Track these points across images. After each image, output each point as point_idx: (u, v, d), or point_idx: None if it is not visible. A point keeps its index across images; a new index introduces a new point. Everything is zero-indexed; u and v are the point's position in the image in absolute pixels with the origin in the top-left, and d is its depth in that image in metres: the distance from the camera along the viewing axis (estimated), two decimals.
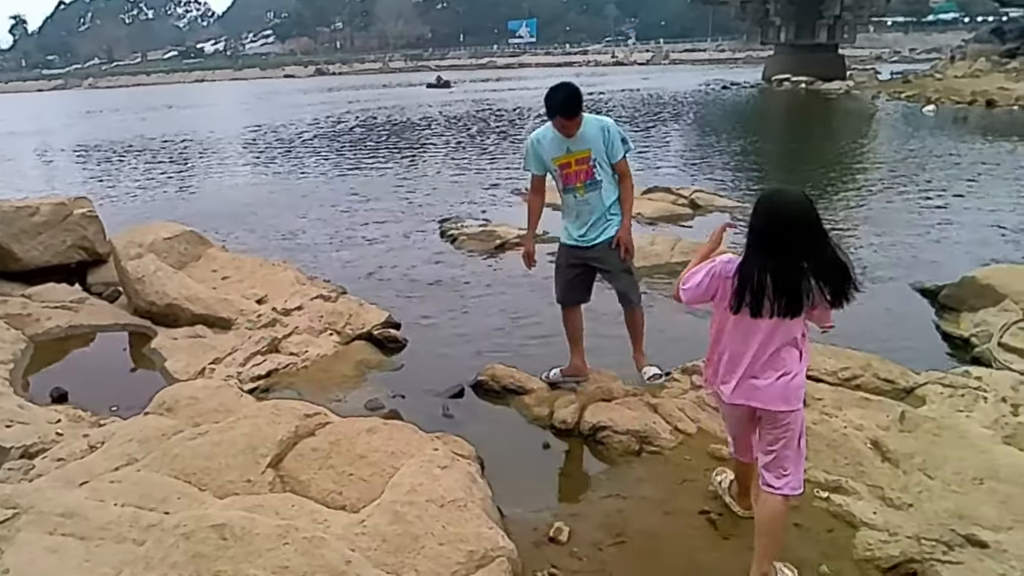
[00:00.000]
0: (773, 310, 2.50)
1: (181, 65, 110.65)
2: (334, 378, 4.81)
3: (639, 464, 3.70)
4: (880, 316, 5.87)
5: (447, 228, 8.94)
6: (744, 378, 2.64)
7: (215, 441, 3.13)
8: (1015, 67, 35.12)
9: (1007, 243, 8.03)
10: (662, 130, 22.56)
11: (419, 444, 3.15)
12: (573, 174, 4.09)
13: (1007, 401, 4.06)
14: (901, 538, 2.87)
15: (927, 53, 66.07)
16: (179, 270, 5.74)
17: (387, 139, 21.02)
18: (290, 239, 8.95)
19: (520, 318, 5.80)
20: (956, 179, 12.09)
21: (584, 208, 4.15)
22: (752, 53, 69.61)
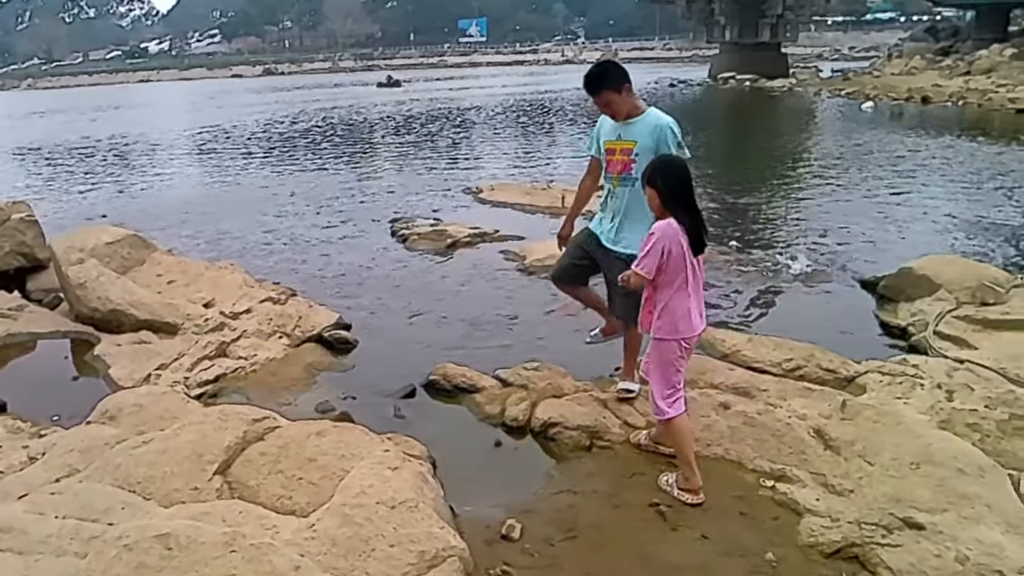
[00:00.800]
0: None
1: (125, 65, 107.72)
2: (284, 381, 4.75)
3: (589, 459, 3.74)
4: (822, 307, 6.05)
5: (398, 228, 8.89)
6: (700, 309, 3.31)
7: (160, 449, 3.07)
8: (948, 65, 36.36)
9: (943, 234, 8.32)
10: None
11: (369, 446, 3.14)
12: (613, 162, 3.90)
13: (942, 387, 4.21)
14: (843, 523, 2.96)
15: (865, 51, 68.03)
16: (122, 275, 5.60)
17: (337, 139, 20.80)
18: (237, 241, 8.79)
19: (472, 317, 5.80)
20: (893, 172, 12.48)
21: (613, 203, 3.94)
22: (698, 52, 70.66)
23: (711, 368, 4.40)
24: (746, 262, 7.21)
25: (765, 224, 9.02)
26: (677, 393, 3.33)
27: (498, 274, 7.01)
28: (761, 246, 7.89)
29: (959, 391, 4.14)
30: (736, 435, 3.71)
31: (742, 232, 8.45)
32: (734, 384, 4.20)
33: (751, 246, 7.84)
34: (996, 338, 4.93)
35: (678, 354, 3.28)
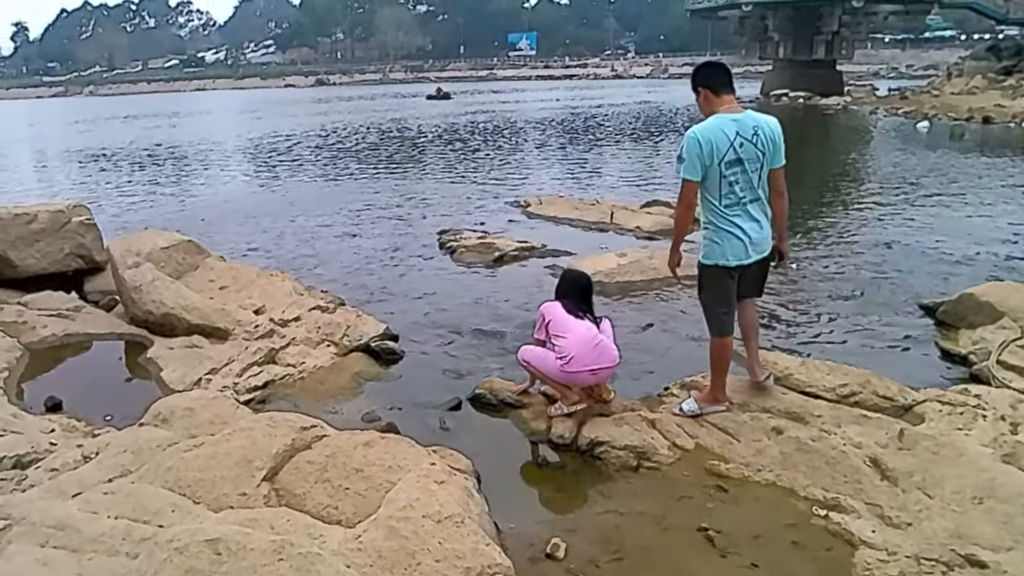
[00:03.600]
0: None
1: (182, 73, 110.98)
2: (331, 390, 4.79)
3: (636, 480, 3.68)
4: (879, 332, 5.87)
5: (445, 239, 8.93)
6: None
7: (210, 453, 3.11)
8: (1011, 84, 35.34)
9: (1005, 260, 8.04)
10: (662, 143, 22.63)
11: (416, 458, 3.13)
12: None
13: (1006, 419, 4.04)
14: (900, 558, 2.85)
15: (924, 70, 66.58)
16: (176, 279, 5.72)
17: (386, 150, 21.05)
18: (288, 248, 8.94)
19: (518, 331, 5.77)
20: (953, 195, 12.13)
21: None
22: (751, 68, 69.93)
23: (762, 392, 4.29)
24: (800, 283, 7.07)
25: (819, 244, 8.83)
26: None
27: (545, 289, 6.94)
28: (816, 266, 7.72)
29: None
30: (788, 461, 3.61)
31: (796, 252, 8.28)
32: (787, 409, 4.09)
33: (805, 266, 7.68)
34: None
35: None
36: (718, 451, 3.80)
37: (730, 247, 3.89)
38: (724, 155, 3.73)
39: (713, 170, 3.76)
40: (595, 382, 4.19)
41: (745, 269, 3.99)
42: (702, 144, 3.74)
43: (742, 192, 3.82)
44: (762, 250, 3.98)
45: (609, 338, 4.19)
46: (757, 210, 3.89)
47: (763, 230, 3.94)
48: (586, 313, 4.20)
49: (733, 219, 3.84)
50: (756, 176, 3.83)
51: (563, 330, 4.13)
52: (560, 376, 4.13)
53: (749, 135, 3.76)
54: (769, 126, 3.84)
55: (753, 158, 3.78)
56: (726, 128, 3.75)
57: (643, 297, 6.72)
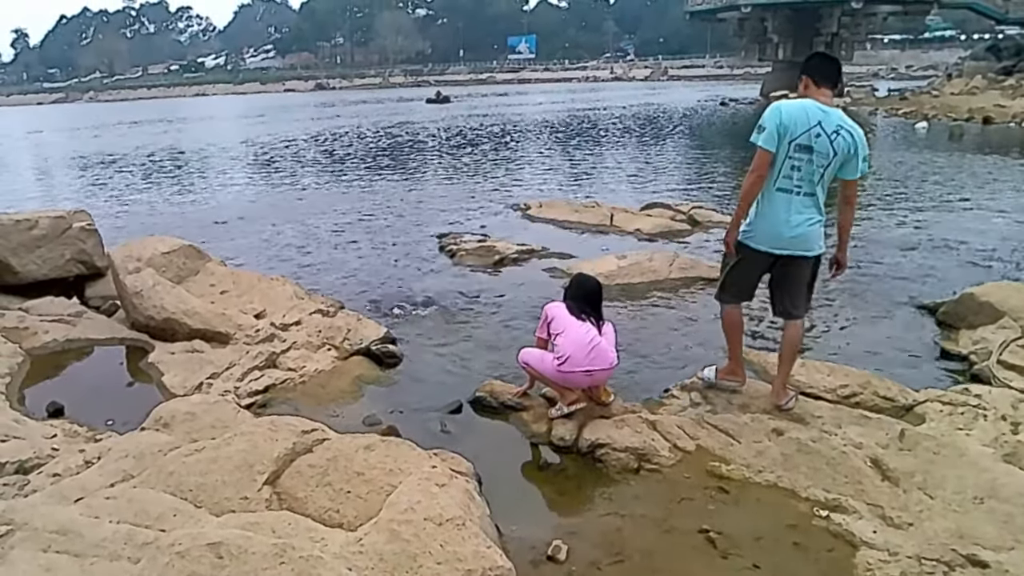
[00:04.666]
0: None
1: (182, 79, 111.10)
2: (332, 393, 4.79)
3: (637, 482, 3.68)
4: (879, 332, 5.87)
5: (446, 243, 8.95)
6: None
7: (211, 457, 3.11)
8: (1011, 84, 35.41)
9: (1005, 260, 8.04)
10: (662, 146, 22.68)
11: (417, 461, 3.13)
12: None
13: (1007, 419, 4.04)
14: (902, 558, 2.85)
15: (924, 70, 66.65)
16: (177, 284, 5.73)
17: (386, 154, 21.08)
18: (288, 253, 8.95)
19: (519, 334, 5.77)
20: (952, 195, 12.14)
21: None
22: (750, 69, 70.08)
23: (763, 393, 4.30)
24: None
25: None
26: None
27: (545, 291, 6.97)
28: None
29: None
30: (789, 462, 3.62)
31: None
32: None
33: None
34: None
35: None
36: (719, 452, 3.80)
37: (766, 231, 3.91)
38: (798, 136, 3.73)
39: (783, 147, 3.75)
40: (590, 383, 4.20)
41: (779, 264, 3.97)
42: (783, 117, 3.74)
43: (799, 181, 3.80)
44: (803, 248, 3.91)
45: (610, 342, 4.20)
46: (808, 205, 3.85)
47: (808, 227, 3.87)
48: (589, 316, 4.21)
49: (779, 204, 3.84)
50: (820, 172, 3.79)
51: (562, 330, 4.15)
52: (556, 376, 4.15)
53: (830, 130, 3.74)
54: (853, 134, 3.78)
55: (825, 153, 3.75)
56: (811, 112, 3.75)
57: (643, 299, 6.72)
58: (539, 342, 4.38)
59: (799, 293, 4.07)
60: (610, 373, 4.24)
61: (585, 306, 4.26)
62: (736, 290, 4.24)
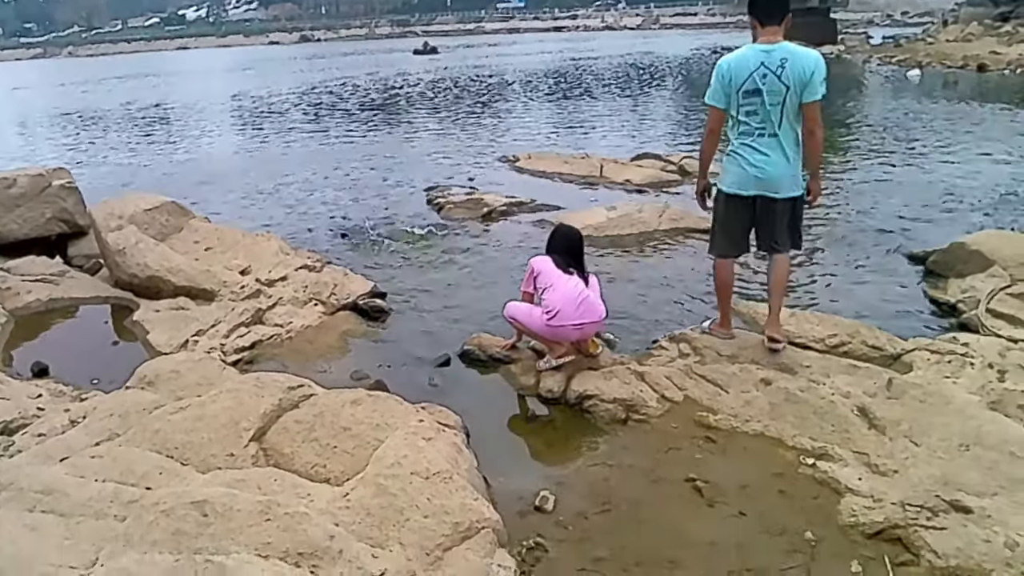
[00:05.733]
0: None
1: (163, 32, 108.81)
2: (319, 349, 4.77)
3: (625, 432, 3.69)
4: (867, 281, 5.87)
5: (433, 196, 8.85)
6: None
7: (197, 415, 3.09)
8: (1007, 31, 34.97)
9: (993, 209, 8.02)
10: (653, 95, 22.40)
11: (404, 416, 3.12)
12: None
13: (993, 367, 4.06)
14: (886, 504, 2.87)
15: (919, 17, 65.70)
16: (161, 242, 5.65)
17: (372, 106, 20.76)
18: (273, 208, 8.83)
19: (507, 288, 5.72)
20: (944, 143, 12.06)
21: None
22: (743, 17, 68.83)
23: (753, 343, 4.29)
24: None
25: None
26: None
27: (534, 244, 6.91)
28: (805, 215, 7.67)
29: (1012, 372, 3.99)
30: (777, 412, 3.63)
31: None
32: (776, 360, 4.09)
33: None
34: None
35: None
36: (707, 403, 3.82)
37: (734, 175, 3.98)
38: (743, 84, 3.78)
39: (733, 98, 3.83)
40: (580, 337, 4.18)
41: (760, 206, 3.99)
42: (724, 70, 3.83)
43: (759, 124, 3.84)
44: (772, 190, 3.94)
45: (596, 294, 4.18)
46: (772, 146, 3.87)
47: (776, 167, 3.89)
48: (575, 269, 4.18)
49: (741, 149, 3.92)
50: (777, 109, 3.79)
51: (550, 284, 4.12)
52: (545, 331, 4.13)
53: (774, 67, 3.75)
54: (801, 60, 3.76)
55: (776, 91, 3.76)
56: (752, 58, 3.79)
57: (632, 251, 6.69)
58: (525, 296, 4.36)
59: (780, 230, 4.09)
60: (600, 326, 4.24)
61: (570, 259, 4.22)
62: (726, 241, 4.25)
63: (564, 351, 4.22)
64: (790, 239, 4.15)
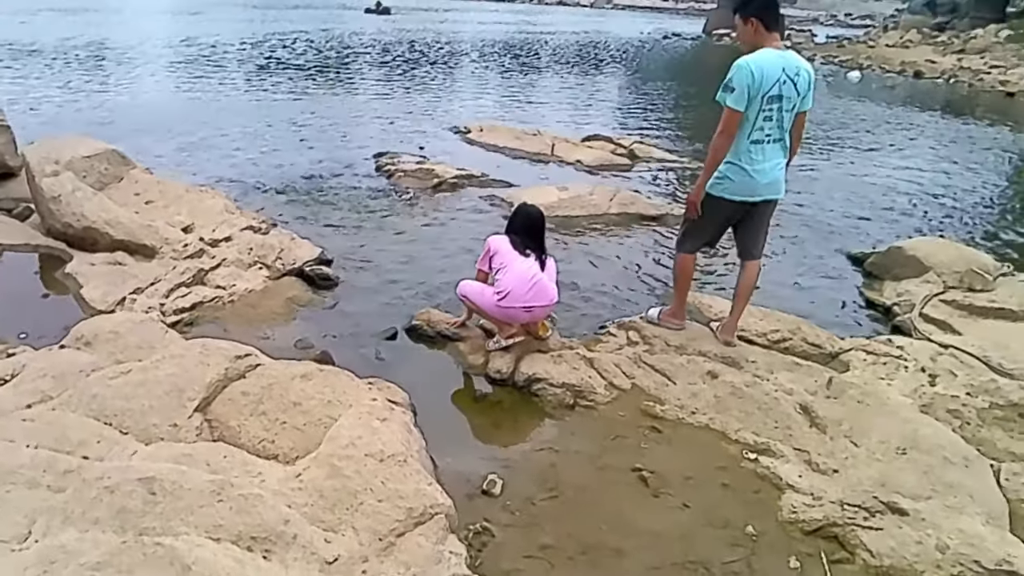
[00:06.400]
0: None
1: None
2: (263, 314, 4.64)
3: (573, 418, 3.71)
4: (809, 279, 6.03)
5: (383, 163, 8.66)
6: None
7: (138, 381, 2.96)
8: (943, 41, 36.30)
9: (930, 215, 8.34)
10: (604, 76, 22.41)
11: (356, 393, 3.06)
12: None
13: (926, 371, 4.24)
14: (825, 503, 2.97)
15: (862, 19, 67.54)
16: (99, 191, 5.37)
17: (322, 64, 20.15)
18: (216, 164, 8.48)
19: (456, 262, 5.68)
20: (882, 146, 12.49)
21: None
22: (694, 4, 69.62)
23: (700, 335, 4.37)
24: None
25: None
26: None
27: (485, 220, 6.88)
28: None
29: (942, 376, 4.17)
30: (722, 405, 3.70)
31: None
32: (722, 353, 4.17)
33: None
34: (981, 325, 4.97)
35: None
36: (654, 392, 3.86)
37: (741, 184, 3.94)
38: (770, 89, 3.74)
39: (756, 102, 3.75)
40: (530, 319, 4.18)
41: (750, 209, 4.04)
42: (755, 75, 3.71)
43: (771, 130, 3.85)
44: (775, 192, 4.02)
45: (551, 278, 4.17)
46: (778, 150, 3.93)
47: (779, 172, 3.97)
48: (533, 251, 4.15)
49: (754, 156, 3.88)
50: (788, 116, 3.85)
51: (504, 265, 4.09)
52: (496, 311, 4.11)
53: (793, 75, 3.77)
54: (808, 71, 3.85)
55: (791, 97, 3.79)
56: (776, 64, 3.75)
57: (583, 233, 6.71)
58: (480, 275, 4.32)
59: (762, 234, 4.20)
60: (550, 309, 4.23)
61: (528, 240, 4.19)
62: (706, 240, 4.29)
63: (513, 332, 4.21)
64: (763, 243, 4.26)
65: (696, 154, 10.22)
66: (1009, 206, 9.15)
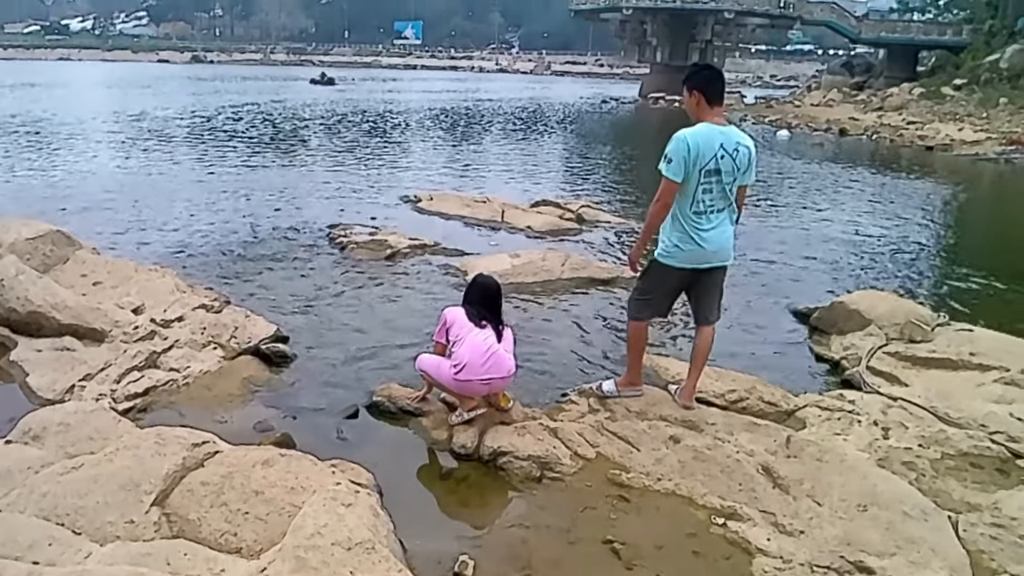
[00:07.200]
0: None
1: (43, 41, 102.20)
2: (219, 397, 4.53)
3: (541, 491, 3.68)
4: (758, 337, 6.15)
5: (335, 234, 8.66)
6: None
7: (91, 476, 2.86)
8: (863, 99, 38.48)
9: (866, 266, 8.68)
10: (549, 141, 22.99)
11: (320, 478, 3.00)
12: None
13: (878, 424, 4.34)
14: (795, 565, 2.99)
15: (786, 80, 71.24)
16: (44, 273, 5.24)
17: (269, 136, 20.21)
18: (165, 241, 8.37)
19: (415, 334, 5.66)
20: (816, 202, 13.04)
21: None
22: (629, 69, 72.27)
23: (659, 399, 4.41)
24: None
25: None
26: None
27: (440, 289, 6.90)
28: None
29: (894, 429, 4.27)
30: (686, 470, 3.72)
31: None
32: (683, 417, 4.21)
33: None
34: (925, 376, 5.13)
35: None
36: (619, 460, 3.87)
37: (689, 253, 4.03)
38: (707, 163, 3.86)
39: (693, 175, 3.87)
40: (488, 391, 4.16)
41: (700, 276, 4.13)
42: (690, 148, 3.84)
43: (712, 201, 3.96)
44: (723, 258, 4.12)
45: (508, 349, 4.18)
46: (723, 219, 4.04)
47: (726, 238, 4.07)
48: (489, 322, 4.17)
49: (698, 226, 3.98)
50: (729, 188, 3.97)
51: (459, 337, 4.11)
52: (453, 384, 4.10)
53: (731, 149, 3.90)
54: (749, 147, 3.99)
55: (730, 171, 3.91)
56: (713, 138, 3.88)
57: (538, 300, 6.76)
58: (437, 347, 4.32)
59: (716, 299, 4.29)
60: (508, 381, 4.22)
61: (484, 311, 4.22)
62: (654, 309, 4.36)
63: (475, 405, 4.19)
64: (718, 309, 4.34)
65: (641, 217, 10.43)
66: (940, 255, 9.58)
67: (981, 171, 19.24)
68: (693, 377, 4.37)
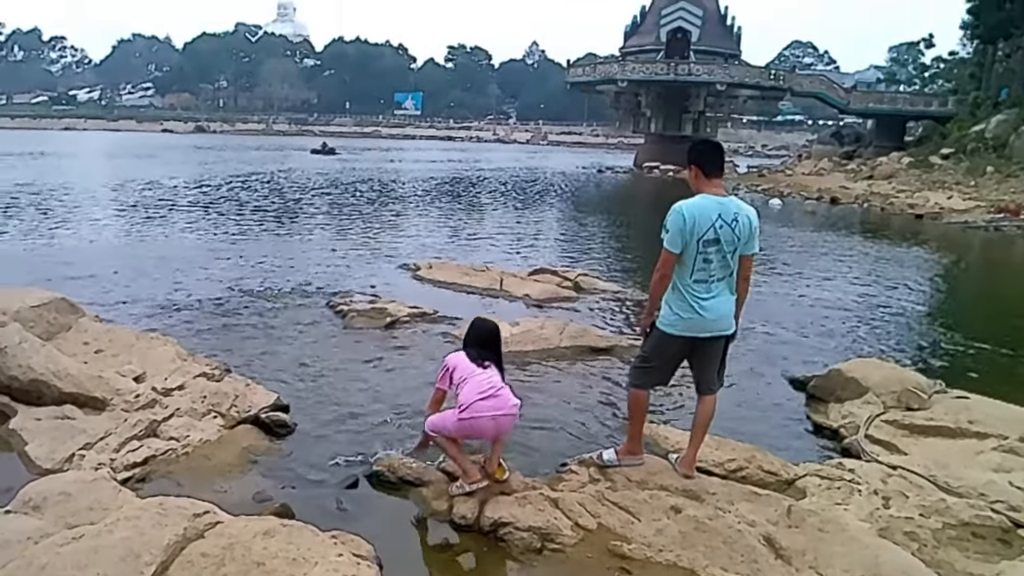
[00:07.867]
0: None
1: (50, 111, 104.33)
2: (218, 466, 4.52)
3: (541, 563, 3.65)
4: (756, 405, 6.17)
5: (336, 303, 8.74)
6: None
7: (91, 547, 2.85)
8: (853, 168, 39.35)
9: (862, 332, 8.75)
10: (546, 210, 23.35)
11: (321, 549, 2.99)
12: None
13: (878, 493, 4.33)
14: None
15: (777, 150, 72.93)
16: (47, 341, 5.28)
17: (271, 205, 20.50)
18: (167, 309, 8.43)
19: (415, 403, 5.66)
20: (811, 270, 13.17)
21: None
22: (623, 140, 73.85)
23: (659, 469, 4.41)
24: None
25: None
26: None
27: (439, 357, 6.86)
28: None
29: (895, 498, 4.27)
30: (688, 541, 3.71)
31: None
32: (683, 486, 4.21)
33: None
34: (923, 444, 5.14)
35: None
36: (620, 531, 3.85)
37: (689, 322, 4.09)
38: (704, 233, 3.95)
39: (691, 246, 3.97)
40: (495, 429, 4.11)
41: (701, 345, 4.17)
42: (686, 220, 3.95)
43: (713, 270, 4.04)
44: (723, 327, 4.16)
45: (508, 389, 4.20)
46: (723, 288, 4.11)
47: (727, 307, 4.14)
48: (492, 363, 4.23)
49: (698, 295, 4.05)
50: (730, 256, 4.05)
51: (464, 378, 4.15)
52: (458, 428, 4.10)
53: (729, 219, 3.99)
54: (750, 217, 4.08)
55: (730, 240, 4.00)
56: (710, 209, 3.98)
57: (537, 369, 6.80)
58: (437, 393, 4.35)
59: (716, 368, 4.32)
60: (515, 418, 4.19)
61: (485, 352, 4.28)
62: (656, 377, 4.40)
63: (478, 477, 4.17)
64: (720, 377, 4.37)
65: (638, 285, 10.59)
66: (935, 322, 9.65)
67: (971, 239, 19.54)
68: (694, 446, 4.39)
